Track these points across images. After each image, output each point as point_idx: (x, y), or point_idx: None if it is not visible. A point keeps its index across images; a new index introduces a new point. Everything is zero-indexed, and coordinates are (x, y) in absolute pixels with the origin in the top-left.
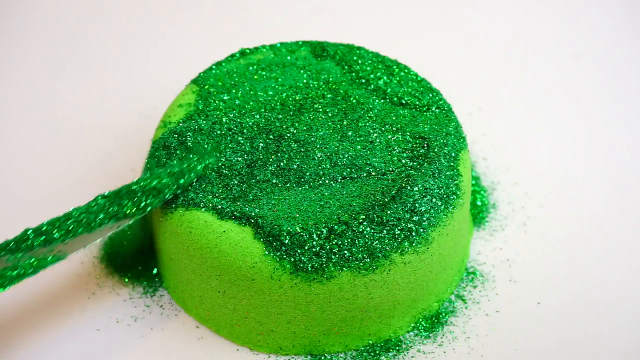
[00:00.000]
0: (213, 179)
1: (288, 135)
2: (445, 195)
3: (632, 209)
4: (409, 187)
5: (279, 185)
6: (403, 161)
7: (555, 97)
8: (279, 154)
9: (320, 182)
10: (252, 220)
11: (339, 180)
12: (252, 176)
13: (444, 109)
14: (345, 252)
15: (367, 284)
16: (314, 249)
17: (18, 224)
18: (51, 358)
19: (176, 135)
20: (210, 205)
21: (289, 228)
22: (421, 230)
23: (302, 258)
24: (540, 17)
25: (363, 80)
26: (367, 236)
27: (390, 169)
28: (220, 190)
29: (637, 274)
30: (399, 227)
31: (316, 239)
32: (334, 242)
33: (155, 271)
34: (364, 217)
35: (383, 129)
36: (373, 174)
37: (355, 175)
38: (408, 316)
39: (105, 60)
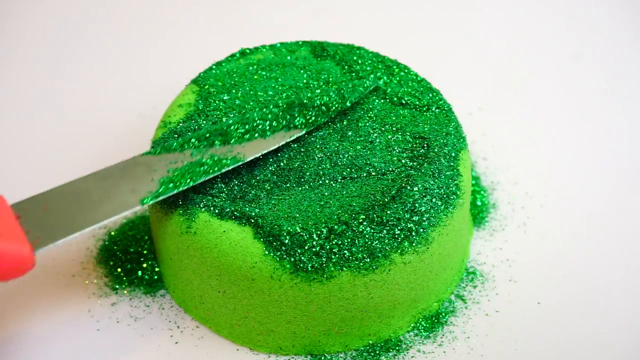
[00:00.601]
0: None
1: None
2: (445, 195)
3: (632, 209)
4: (409, 187)
5: (279, 185)
6: (403, 161)
7: (556, 97)
8: (278, 154)
9: (320, 182)
10: (252, 220)
11: (339, 180)
12: (252, 176)
13: (444, 109)
14: (345, 252)
15: (367, 284)
16: (314, 249)
17: None
18: (51, 358)
19: (176, 135)
20: (210, 205)
21: (289, 228)
22: (421, 230)
23: (302, 258)
24: (540, 17)
25: None
26: (367, 236)
27: (390, 169)
28: (220, 190)
29: (637, 274)
30: (399, 227)
31: (316, 239)
32: (334, 242)
33: (155, 271)
34: (364, 217)
35: (383, 129)
36: (373, 174)
37: (355, 175)
38: (408, 316)
39: (105, 60)
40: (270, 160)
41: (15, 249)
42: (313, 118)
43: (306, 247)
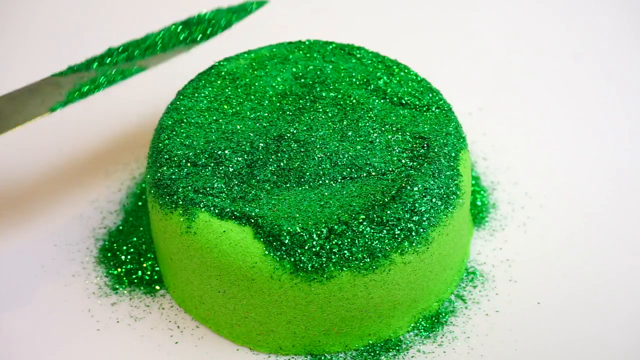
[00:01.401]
0: (212, 178)
1: (288, 135)
2: (445, 195)
3: (632, 209)
4: (409, 187)
5: (279, 185)
6: (403, 161)
7: (555, 97)
8: (279, 154)
9: (320, 182)
10: (252, 220)
11: (339, 180)
12: (252, 176)
13: (444, 109)
14: (345, 252)
15: (367, 284)
16: (314, 249)
17: (19, 223)
18: (51, 358)
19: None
20: (211, 205)
21: (289, 228)
22: (421, 230)
23: (302, 258)
24: (540, 17)
25: (363, 80)
26: (367, 236)
27: (390, 169)
28: (220, 190)
29: (637, 273)
30: (399, 227)
31: (316, 239)
32: (334, 242)
33: (155, 271)
34: (364, 217)
35: (383, 129)
36: (373, 174)
37: (355, 175)
38: (408, 316)
39: None
40: (270, 160)
41: None
42: (210, 30)
43: (306, 247)
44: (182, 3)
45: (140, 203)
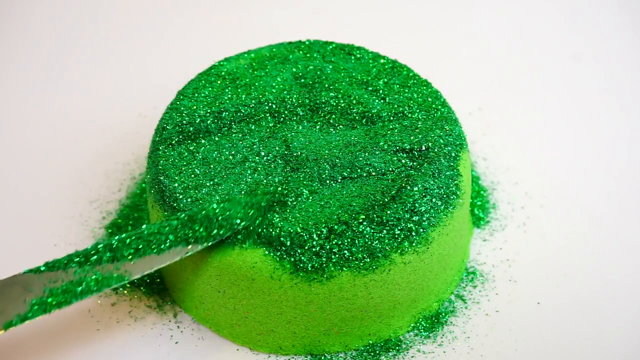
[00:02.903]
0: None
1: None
2: (445, 195)
3: (632, 209)
4: (409, 187)
5: None
6: (403, 161)
7: (556, 97)
8: None
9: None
10: None
11: (339, 180)
12: None
13: (444, 109)
14: (345, 252)
15: (367, 284)
16: (314, 249)
17: (18, 225)
18: (51, 358)
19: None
20: None
21: (289, 228)
22: (421, 230)
23: (302, 258)
24: (540, 17)
25: (363, 80)
26: (367, 236)
27: (390, 169)
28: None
29: (637, 273)
30: (399, 227)
31: (316, 239)
32: (334, 242)
33: (155, 271)
34: (364, 217)
35: None
36: (373, 174)
37: (355, 175)
38: (408, 316)
39: (106, 60)
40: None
41: None
42: (215, 232)
43: (306, 247)
44: (181, 3)
45: (140, 203)
